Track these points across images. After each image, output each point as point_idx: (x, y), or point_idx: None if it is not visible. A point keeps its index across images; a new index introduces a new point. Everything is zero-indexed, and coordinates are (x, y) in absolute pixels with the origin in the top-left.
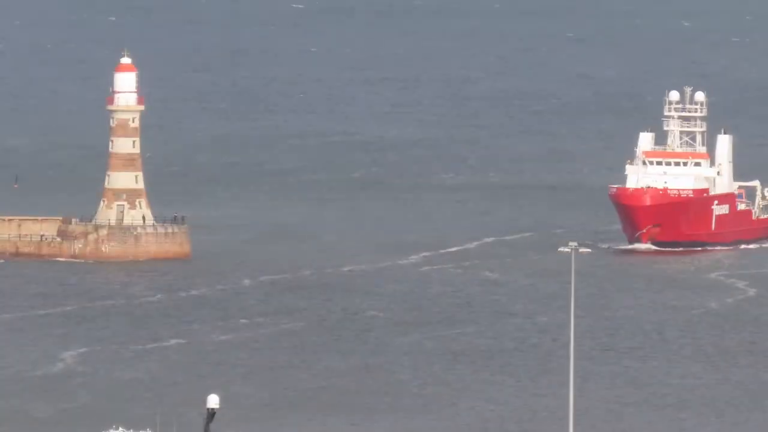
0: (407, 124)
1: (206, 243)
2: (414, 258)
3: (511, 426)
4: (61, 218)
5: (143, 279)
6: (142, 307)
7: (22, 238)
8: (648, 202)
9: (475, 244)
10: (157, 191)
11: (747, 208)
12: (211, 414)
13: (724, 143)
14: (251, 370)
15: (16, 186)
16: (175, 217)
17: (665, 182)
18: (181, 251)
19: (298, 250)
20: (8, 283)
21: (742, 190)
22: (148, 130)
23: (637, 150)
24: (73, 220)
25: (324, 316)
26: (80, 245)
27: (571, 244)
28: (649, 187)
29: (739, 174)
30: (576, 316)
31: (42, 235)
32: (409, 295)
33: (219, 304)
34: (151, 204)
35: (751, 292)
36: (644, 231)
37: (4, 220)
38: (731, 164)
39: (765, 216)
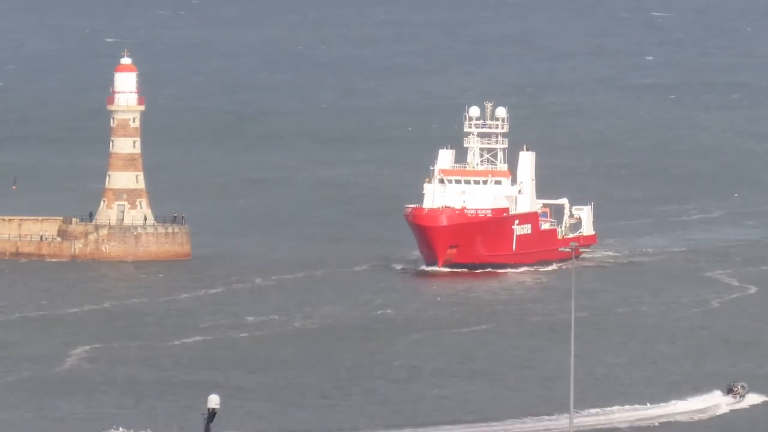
0: None
1: (206, 243)
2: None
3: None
4: (61, 218)
5: (143, 278)
6: (143, 306)
7: (22, 238)
8: (444, 222)
9: None
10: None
11: (552, 227)
12: (212, 414)
13: (526, 160)
14: (253, 370)
15: (14, 188)
16: (175, 216)
17: (463, 201)
18: (182, 251)
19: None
20: (9, 282)
21: (547, 209)
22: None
23: (435, 168)
24: (74, 219)
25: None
26: (80, 245)
27: (572, 244)
28: (445, 206)
29: (543, 191)
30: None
31: (42, 235)
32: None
33: (219, 304)
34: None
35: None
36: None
37: (4, 220)
38: (534, 182)
39: (572, 235)
